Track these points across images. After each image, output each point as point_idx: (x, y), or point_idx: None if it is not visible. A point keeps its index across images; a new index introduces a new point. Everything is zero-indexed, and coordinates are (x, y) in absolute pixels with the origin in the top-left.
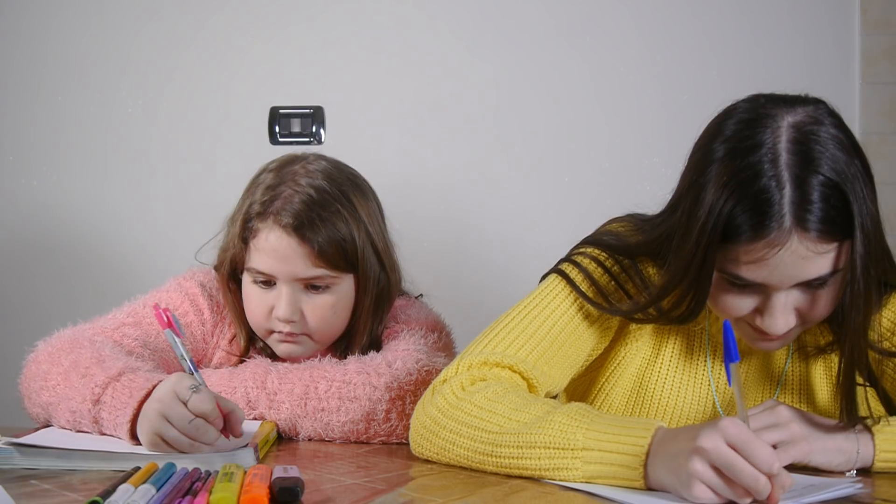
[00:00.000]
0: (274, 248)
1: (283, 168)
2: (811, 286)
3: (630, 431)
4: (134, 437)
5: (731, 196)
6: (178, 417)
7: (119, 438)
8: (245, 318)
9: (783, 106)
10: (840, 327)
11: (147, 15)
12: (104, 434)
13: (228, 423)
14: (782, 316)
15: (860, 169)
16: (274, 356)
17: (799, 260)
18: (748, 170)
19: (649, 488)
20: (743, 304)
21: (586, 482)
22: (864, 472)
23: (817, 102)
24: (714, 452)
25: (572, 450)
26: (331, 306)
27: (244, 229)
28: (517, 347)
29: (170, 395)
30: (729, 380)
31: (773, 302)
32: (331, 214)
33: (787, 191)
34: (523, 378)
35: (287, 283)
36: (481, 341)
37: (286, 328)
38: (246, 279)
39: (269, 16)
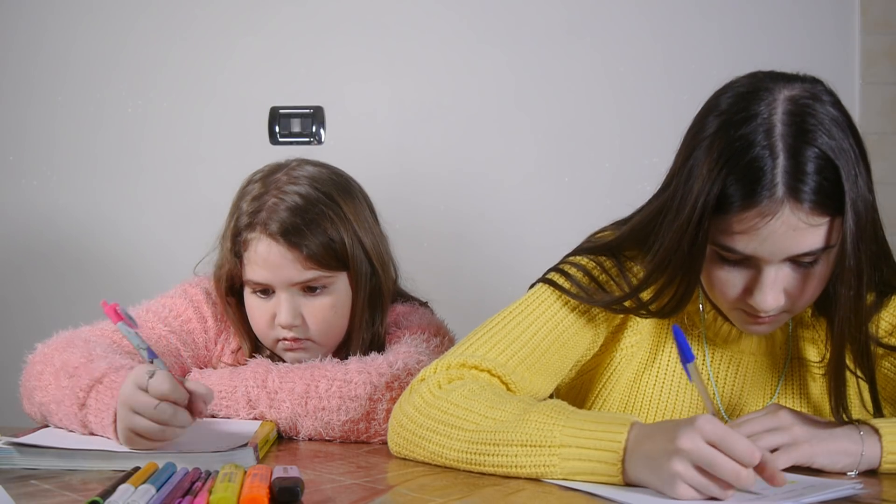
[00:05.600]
0: (264, 257)
1: (267, 178)
2: (802, 265)
3: (607, 427)
4: None
5: (724, 166)
6: (143, 405)
7: (109, 439)
8: (247, 329)
9: (781, 81)
10: (832, 309)
11: (146, 15)
12: (94, 436)
13: (191, 402)
14: (772, 291)
15: (854, 148)
16: (277, 361)
17: (790, 231)
18: (741, 140)
19: (627, 484)
20: (735, 279)
21: (564, 479)
22: (871, 473)
23: (815, 81)
24: (694, 452)
25: (550, 447)
26: (330, 307)
27: (235, 243)
28: (498, 352)
29: (131, 387)
30: (689, 378)
31: (764, 276)
32: (317, 217)
33: (781, 160)
34: (502, 382)
35: (284, 290)
36: (463, 344)
37: (290, 334)
38: (246, 291)
39: (268, 15)
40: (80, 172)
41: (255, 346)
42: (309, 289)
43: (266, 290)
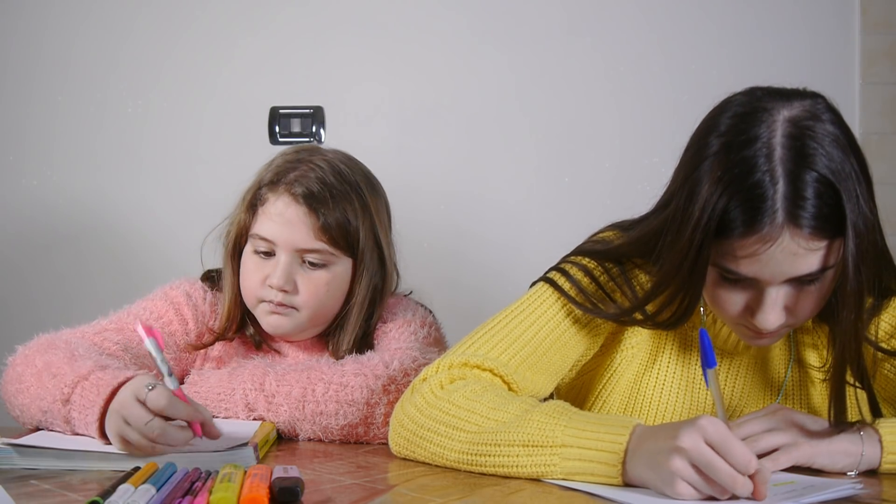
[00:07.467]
0: (281, 212)
1: (300, 151)
2: (802, 282)
3: (609, 429)
4: (103, 435)
5: (725, 191)
6: (136, 419)
7: (92, 437)
8: (238, 298)
9: (780, 100)
10: (833, 325)
11: (146, 14)
12: (77, 434)
13: (204, 430)
14: (773, 311)
15: (855, 167)
16: (260, 346)
17: (790, 256)
18: (742, 164)
19: (626, 485)
20: (736, 297)
21: (564, 479)
22: (871, 473)
23: (815, 97)
24: (694, 452)
25: (551, 447)
26: (325, 283)
27: (254, 196)
28: (499, 351)
29: (129, 396)
30: (707, 383)
31: (765, 297)
32: (342, 196)
33: (781, 186)
34: (504, 382)
35: (286, 253)
36: (464, 343)
37: (277, 297)
38: (247, 249)
39: (269, 16)
40: (79, 172)
41: (242, 320)
42: (310, 263)
43: (268, 252)
